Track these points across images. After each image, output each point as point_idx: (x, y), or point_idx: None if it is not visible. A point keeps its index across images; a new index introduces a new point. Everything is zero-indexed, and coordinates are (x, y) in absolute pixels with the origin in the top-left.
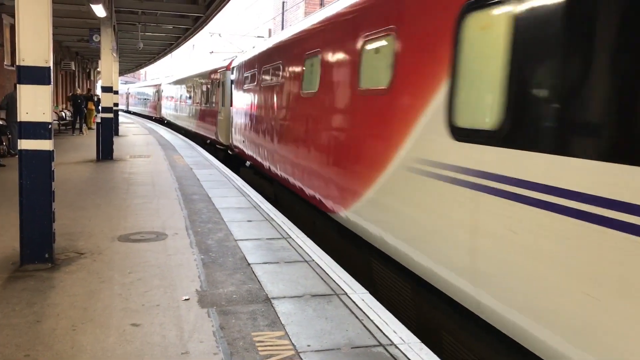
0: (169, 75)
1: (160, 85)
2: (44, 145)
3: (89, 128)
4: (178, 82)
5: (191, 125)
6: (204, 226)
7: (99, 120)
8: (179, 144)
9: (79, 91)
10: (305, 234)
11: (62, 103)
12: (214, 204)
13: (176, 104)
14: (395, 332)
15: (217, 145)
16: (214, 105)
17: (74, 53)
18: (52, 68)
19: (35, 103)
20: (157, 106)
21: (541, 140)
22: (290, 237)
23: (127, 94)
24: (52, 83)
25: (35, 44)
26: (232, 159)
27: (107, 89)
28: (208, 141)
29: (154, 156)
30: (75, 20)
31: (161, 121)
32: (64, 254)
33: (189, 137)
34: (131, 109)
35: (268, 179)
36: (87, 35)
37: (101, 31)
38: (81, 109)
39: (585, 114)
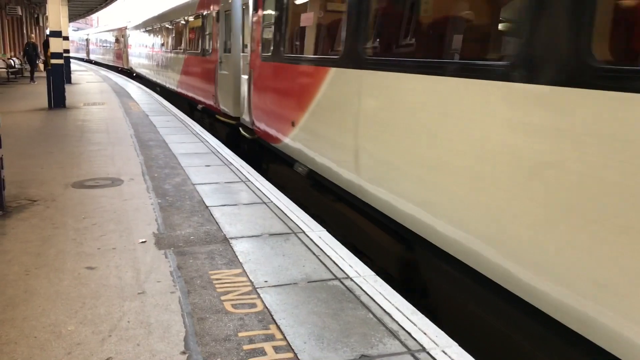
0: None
1: (125, 28)
2: None
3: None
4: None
5: (172, 82)
6: (161, 171)
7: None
8: (133, 91)
9: (33, 38)
10: None
11: (11, 50)
12: (171, 150)
13: (149, 52)
14: (351, 266)
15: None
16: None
17: None
18: None
19: None
20: (123, 55)
21: None
22: (249, 181)
23: (87, 41)
24: None
25: None
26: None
27: (55, 34)
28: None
29: (109, 103)
30: None
31: (130, 74)
32: (15, 202)
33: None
34: (92, 57)
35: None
36: None
37: None
38: (33, 58)
39: None
